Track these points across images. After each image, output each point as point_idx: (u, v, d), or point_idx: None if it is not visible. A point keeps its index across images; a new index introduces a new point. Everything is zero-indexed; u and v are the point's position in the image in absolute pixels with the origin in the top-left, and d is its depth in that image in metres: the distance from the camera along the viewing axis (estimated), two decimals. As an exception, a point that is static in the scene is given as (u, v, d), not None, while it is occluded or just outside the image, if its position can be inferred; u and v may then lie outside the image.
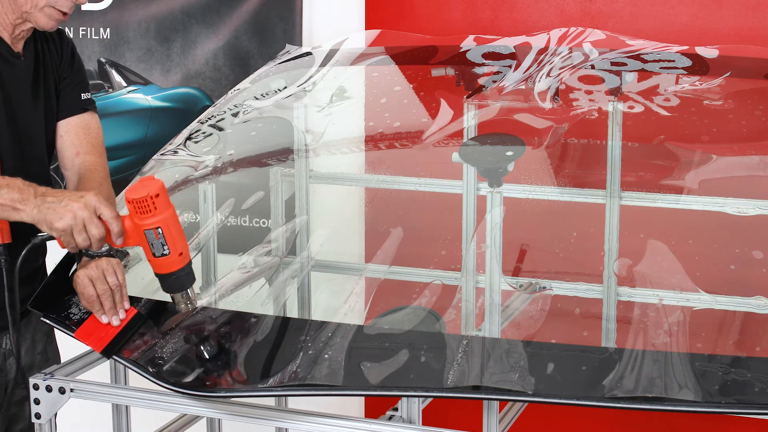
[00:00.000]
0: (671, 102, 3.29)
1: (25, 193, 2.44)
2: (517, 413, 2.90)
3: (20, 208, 2.44)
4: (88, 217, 2.38)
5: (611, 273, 3.14)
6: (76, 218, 2.38)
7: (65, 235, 2.40)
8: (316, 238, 3.53)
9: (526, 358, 2.32)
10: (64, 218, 2.38)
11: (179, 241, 2.41)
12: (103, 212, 2.39)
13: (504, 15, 4.01)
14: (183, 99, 4.46)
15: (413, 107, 3.62)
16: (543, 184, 3.32)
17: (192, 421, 3.05)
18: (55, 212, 2.39)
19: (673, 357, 2.29)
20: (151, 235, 2.38)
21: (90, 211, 2.38)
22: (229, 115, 3.53)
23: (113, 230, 2.40)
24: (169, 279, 2.45)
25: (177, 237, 2.40)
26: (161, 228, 2.37)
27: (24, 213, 2.44)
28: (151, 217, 2.36)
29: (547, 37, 3.55)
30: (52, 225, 2.40)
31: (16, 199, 2.44)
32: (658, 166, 3.39)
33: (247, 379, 2.42)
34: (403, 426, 2.33)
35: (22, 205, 2.43)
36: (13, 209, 2.44)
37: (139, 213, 2.37)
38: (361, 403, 4.27)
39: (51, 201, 2.41)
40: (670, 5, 3.83)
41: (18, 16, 2.73)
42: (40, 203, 2.42)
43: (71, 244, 2.41)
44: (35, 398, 2.56)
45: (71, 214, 2.38)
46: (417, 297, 3.13)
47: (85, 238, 2.39)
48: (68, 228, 2.38)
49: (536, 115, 3.31)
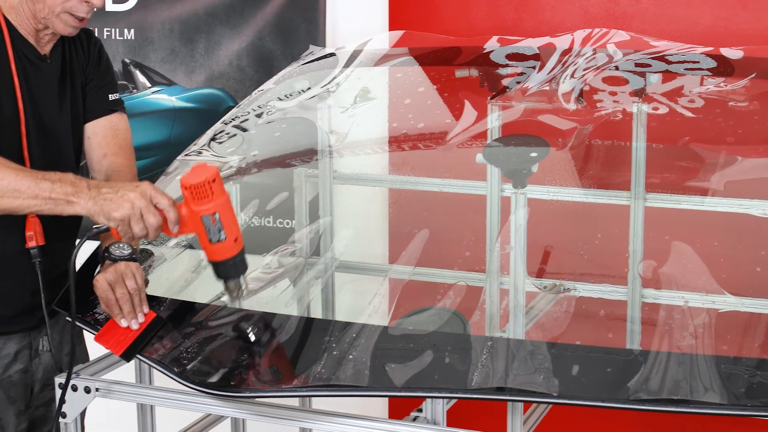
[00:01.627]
0: (696, 103, 3.28)
1: (78, 186, 2.43)
2: (542, 415, 2.89)
3: (74, 200, 2.42)
4: (146, 205, 2.37)
5: (636, 275, 3.13)
6: (133, 207, 2.37)
7: (123, 224, 2.38)
8: (340, 239, 3.54)
9: (551, 360, 2.32)
10: (122, 208, 2.37)
11: (234, 226, 2.40)
12: (160, 200, 2.38)
13: (528, 16, 4.00)
14: (207, 100, 4.47)
15: (437, 108, 3.62)
16: (567, 186, 3.32)
17: (216, 421, 3.05)
18: (112, 202, 2.38)
19: (699, 359, 2.28)
20: (209, 221, 2.36)
21: (147, 200, 2.37)
22: (253, 116, 3.54)
23: (170, 218, 2.38)
24: (225, 265, 2.44)
25: (232, 222, 2.39)
26: (218, 213, 2.35)
27: (78, 205, 2.42)
28: (209, 202, 2.34)
29: (571, 38, 3.54)
30: (110, 215, 2.38)
31: (70, 192, 2.43)
32: (683, 167, 3.38)
33: (271, 380, 2.42)
34: (427, 427, 2.33)
35: (77, 198, 2.42)
36: (67, 202, 2.43)
37: (197, 199, 2.34)
38: (384, 404, 4.27)
39: (106, 192, 2.40)
40: (695, 6, 3.82)
41: (38, 22, 2.74)
42: (95, 195, 2.41)
43: (128, 234, 2.40)
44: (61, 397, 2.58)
45: (129, 204, 2.37)
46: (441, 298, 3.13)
47: (142, 227, 2.38)
48: (126, 217, 2.37)
49: (560, 116, 3.30)
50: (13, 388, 2.88)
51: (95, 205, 2.40)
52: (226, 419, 3.08)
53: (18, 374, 2.88)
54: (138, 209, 2.37)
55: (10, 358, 2.86)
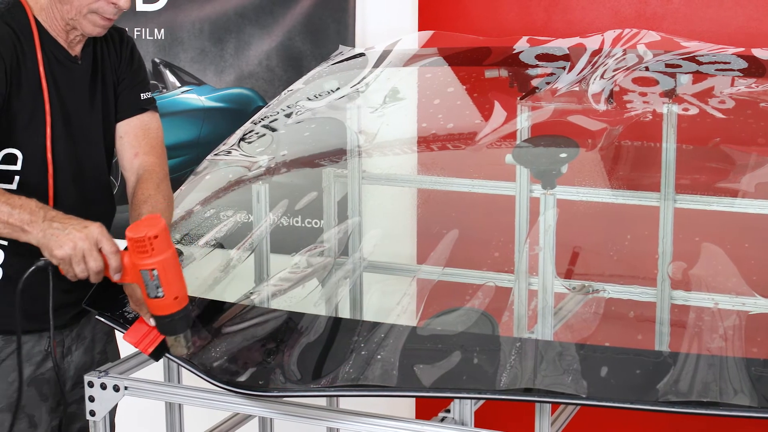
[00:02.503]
0: (726, 104, 3.26)
1: (36, 216, 2.45)
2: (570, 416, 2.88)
3: (28, 230, 2.45)
4: (88, 249, 2.38)
5: (665, 276, 3.12)
6: (75, 248, 2.38)
7: (64, 263, 2.40)
8: (369, 239, 3.54)
9: (579, 361, 2.31)
10: (64, 247, 2.39)
11: (176, 284, 2.37)
12: (104, 246, 2.39)
13: (558, 16, 3.99)
14: (236, 100, 4.48)
15: (466, 108, 3.61)
16: (597, 187, 3.31)
17: (244, 420, 3.06)
18: (57, 240, 2.40)
19: (729, 361, 2.27)
20: (147, 276, 2.33)
21: (91, 243, 2.38)
22: (282, 116, 3.54)
23: (111, 265, 2.39)
24: (162, 321, 2.41)
25: (173, 280, 2.36)
26: (156, 270, 2.32)
27: (31, 235, 2.45)
28: (148, 258, 2.32)
29: (601, 39, 3.53)
30: (52, 252, 2.40)
31: (26, 220, 2.45)
32: (713, 168, 3.36)
33: (299, 379, 2.42)
34: (455, 428, 2.33)
35: (30, 228, 2.45)
36: (22, 230, 2.46)
37: (136, 253, 2.32)
38: (412, 405, 4.27)
39: (56, 227, 2.42)
40: (726, 7, 3.80)
41: (66, 23, 2.76)
42: (46, 227, 2.43)
43: (70, 273, 2.42)
44: (90, 396, 2.59)
45: (71, 244, 2.38)
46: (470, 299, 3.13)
47: (83, 269, 2.40)
48: (67, 257, 2.39)
49: (590, 117, 3.29)
50: (45, 385, 2.90)
51: (44, 238, 2.42)
52: (253, 418, 3.08)
53: (50, 372, 2.89)
54: (80, 251, 2.38)
55: (42, 356, 2.88)
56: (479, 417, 2.40)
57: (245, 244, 3.28)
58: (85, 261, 2.39)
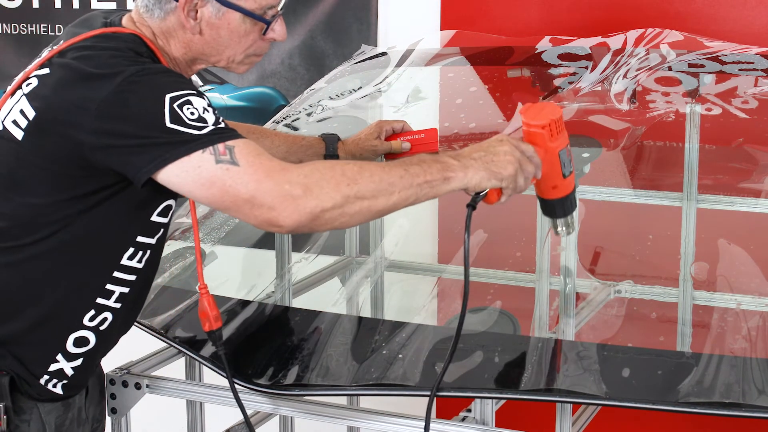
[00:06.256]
0: (750, 104, 3.25)
1: (443, 162, 2.23)
2: (591, 416, 2.88)
3: (451, 175, 2.21)
4: (520, 155, 2.24)
5: (687, 276, 3.11)
6: (516, 161, 2.23)
7: (511, 180, 2.24)
8: (390, 239, 3.54)
9: (601, 362, 2.31)
10: (508, 166, 2.22)
11: None
12: (524, 148, 2.25)
13: (580, 15, 3.98)
14: (258, 98, 4.49)
15: (488, 108, 3.61)
16: (619, 186, 3.30)
17: (265, 418, 3.06)
18: (496, 164, 2.22)
19: (752, 362, 2.26)
20: (564, 155, 2.27)
21: (519, 150, 2.25)
22: (304, 115, 3.55)
23: (536, 163, 2.27)
24: (569, 199, 2.33)
25: None
26: (569, 144, 2.28)
27: (456, 180, 2.21)
28: (562, 136, 2.26)
29: (623, 38, 3.52)
30: (501, 175, 2.22)
31: (440, 168, 2.21)
32: (736, 169, 3.35)
33: (320, 378, 2.43)
34: (476, 427, 2.33)
35: (452, 172, 2.21)
36: (444, 180, 2.20)
37: (554, 134, 2.25)
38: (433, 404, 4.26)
39: (481, 155, 2.24)
40: (750, 6, 3.78)
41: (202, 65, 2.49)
42: (470, 163, 2.23)
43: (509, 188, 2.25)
44: (111, 393, 2.59)
45: (510, 158, 2.23)
46: (491, 298, 3.12)
47: (524, 178, 2.25)
48: (515, 172, 2.23)
49: (612, 116, 3.29)
50: None
51: (478, 171, 2.22)
52: (274, 417, 3.08)
53: None
54: (518, 161, 2.23)
55: None
56: (500, 417, 2.40)
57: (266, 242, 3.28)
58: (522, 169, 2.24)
